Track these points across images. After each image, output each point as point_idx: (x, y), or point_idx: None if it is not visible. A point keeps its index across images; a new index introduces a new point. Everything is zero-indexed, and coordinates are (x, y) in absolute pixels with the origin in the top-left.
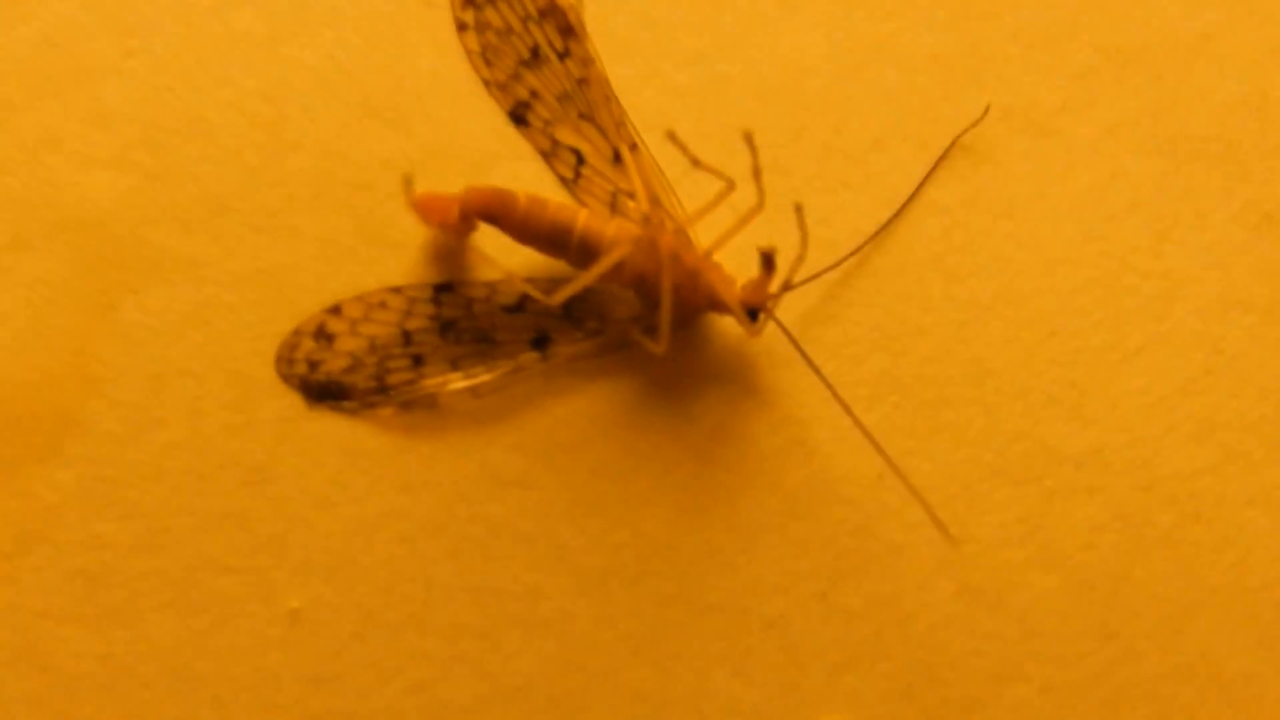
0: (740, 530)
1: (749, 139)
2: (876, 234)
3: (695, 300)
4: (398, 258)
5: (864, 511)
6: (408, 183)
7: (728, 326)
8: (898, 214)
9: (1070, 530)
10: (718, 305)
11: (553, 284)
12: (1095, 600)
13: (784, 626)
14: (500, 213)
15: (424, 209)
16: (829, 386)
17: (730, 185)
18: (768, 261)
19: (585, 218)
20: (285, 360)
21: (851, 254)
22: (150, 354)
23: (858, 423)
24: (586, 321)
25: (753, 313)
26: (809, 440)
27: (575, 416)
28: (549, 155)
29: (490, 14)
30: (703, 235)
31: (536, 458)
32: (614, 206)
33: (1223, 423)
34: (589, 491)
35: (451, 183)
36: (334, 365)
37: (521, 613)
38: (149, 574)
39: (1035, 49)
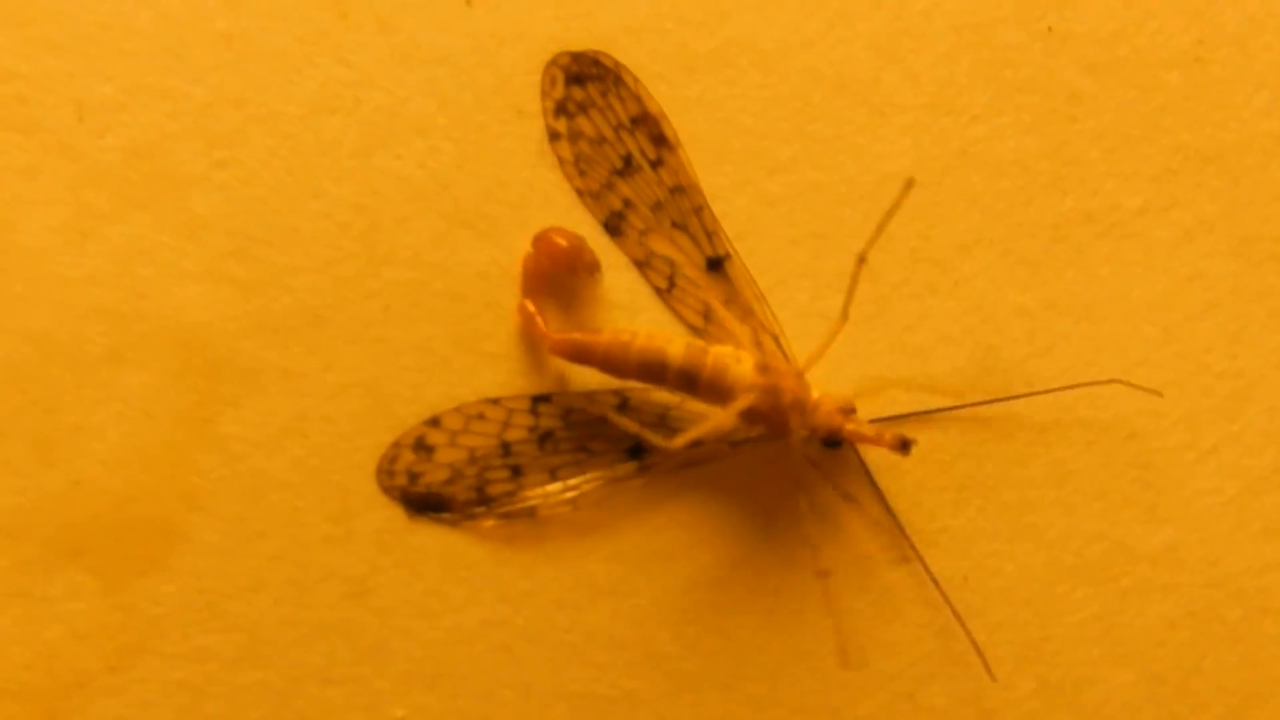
0: (830, 634)
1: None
2: (981, 403)
3: (796, 426)
4: (494, 369)
5: (949, 613)
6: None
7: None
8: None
9: (1144, 627)
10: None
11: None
12: (1166, 694)
13: None
14: (580, 358)
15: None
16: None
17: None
18: (904, 448)
19: (682, 351)
20: (385, 472)
21: (959, 406)
22: (249, 466)
23: (921, 560)
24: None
25: (837, 441)
26: (896, 546)
27: (670, 525)
28: (643, 265)
29: (583, 122)
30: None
31: (632, 566)
32: (707, 317)
33: None
34: (683, 599)
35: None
36: (434, 477)
37: (619, 718)
38: (252, 686)
39: (1116, 152)
